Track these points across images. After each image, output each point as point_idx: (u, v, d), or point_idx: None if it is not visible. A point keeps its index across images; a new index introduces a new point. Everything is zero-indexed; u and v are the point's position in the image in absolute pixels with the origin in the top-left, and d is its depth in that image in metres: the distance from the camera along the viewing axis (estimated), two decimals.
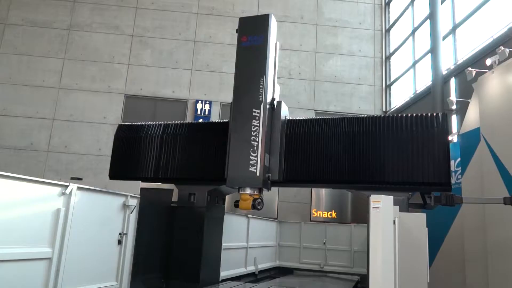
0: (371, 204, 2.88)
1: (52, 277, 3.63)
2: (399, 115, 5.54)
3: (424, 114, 5.40)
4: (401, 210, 3.36)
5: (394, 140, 5.31)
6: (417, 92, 11.43)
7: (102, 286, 4.31)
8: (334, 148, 5.55)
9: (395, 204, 3.02)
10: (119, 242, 4.63)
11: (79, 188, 3.98)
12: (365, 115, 5.78)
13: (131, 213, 4.79)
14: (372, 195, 2.88)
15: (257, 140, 5.13)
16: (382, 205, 2.87)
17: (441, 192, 5.30)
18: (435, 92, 9.60)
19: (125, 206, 4.72)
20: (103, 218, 4.41)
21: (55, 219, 3.70)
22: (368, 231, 3.73)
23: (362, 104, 13.35)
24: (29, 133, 11.96)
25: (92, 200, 4.23)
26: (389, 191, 4.61)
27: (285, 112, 5.75)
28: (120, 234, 4.64)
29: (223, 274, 6.81)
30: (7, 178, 3.29)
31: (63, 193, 3.80)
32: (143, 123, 6.75)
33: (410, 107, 11.63)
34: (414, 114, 5.46)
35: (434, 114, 5.39)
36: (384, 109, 13.31)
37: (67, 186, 3.83)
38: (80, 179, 5.89)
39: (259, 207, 5.15)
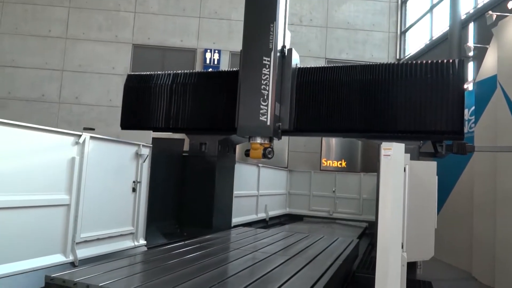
0: (382, 152, 2.87)
1: (71, 222, 3.79)
2: (413, 62, 5.37)
3: (439, 61, 5.23)
4: (411, 159, 3.34)
5: (407, 88, 5.19)
6: (433, 38, 11.01)
7: (120, 230, 4.50)
8: (345, 97, 5.46)
9: (406, 152, 3.00)
10: (134, 190, 4.76)
11: (91, 137, 4.04)
12: (378, 63, 5.62)
13: (143, 162, 4.88)
14: (383, 143, 2.86)
15: (267, 89, 5.06)
16: (393, 153, 2.85)
17: (453, 140, 5.27)
18: (452, 38, 9.22)
19: (137, 155, 4.80)
20: (117, 166, 4.51)
21: (71, 167, 3.80)
22: (378, 179, 3.75)
23: (375, 52, 12.97)
24: (39, 84, 11.98)
25: (105, 149, 4.30)
26: (400, 140, 4.59)
27: (296, 60, 5.62)
28: (134, 182, 4.76)
29: (235, 220, 7.05)
30: (24, 128, 3.35)
31: (77, 143, 3.87)
32: (152, 72, 6.69)
33: (425, 54, 11.26)
34: (429, 61, 5.28)
35: (450, 60, 5.22)
36: (398, 57, 12.93)
37: (80, 136, 3.88)
38: (92, 129, 5.98)
39: (269, 156, 5.19)
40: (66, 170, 3.77)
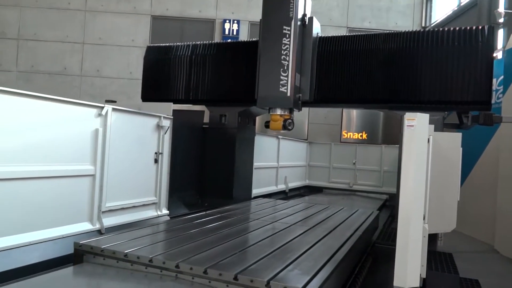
0: (406, 122, 2.80)
1: (97, 192, 3.91)
2: (440, 29, 5.16)
3: (467, 28, 5.01)
4: (436, 130, 3.26)
5: (432, 57, 5.02)
6: (462, 4, 10.51)
7: (143, 200, 4.62)
8: (368, 67, 5.33)
9: (430, 123, 2.92)
10: (156, 161, 4.85)
11: (114, 109, 4.09)
12: (403, 31, 5.42)
13: (165, 133, 4.94)
14: (407, 113, 2.79)
15: (287, 59, 4.97)
16: (416, 123, 2.78)
17: (480, 111, 5.11)
18: (481, 4, 8.79)
19: (159, 126, 4.85)
20: (139, 138, 4.58)
21: (95, 138, 3.88)
22: (400, 150, 3.69)
23: (399, 20, 12.50)
24: (61, 58, 12.11)
25: (127, 121, 4.36)
26: (424, 110, 4.49)
27: (317, 29, 5.47)
28: (156, 153, 4.84)
29: (255, 191, 7.13)
30: (51, 101, 3.43)
31: (100, 114, 3.93)
32: (172, 44, 6.65)
33: (452, 21, 10.79)
34: (457, 28, 5.07)
35: (479, 27, 4.98)
36: (423, 25, 12.44)
37: (102, 108, 3.94)
38: (114, 101, 6.03)
39: (289, 127, 5.16)
40: (90, 141, 3.85)
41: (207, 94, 6.25)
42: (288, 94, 4.95)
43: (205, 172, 6.41)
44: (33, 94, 3.25)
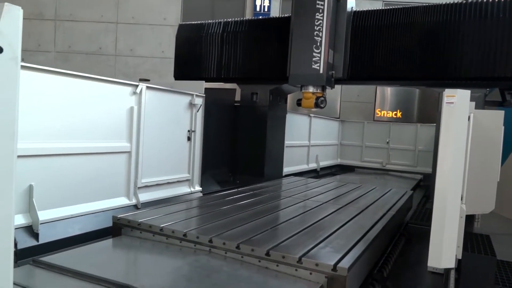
0: (445, 99, 2.69)
1: (133, 168, 4.04)
2: (484, 0, 4.86)
3: None
4: (476, 107, 3.12)
5: (475, 30, 4.75)
6: None
7: (177, 177, 4.73)
8: (405, 41, 5.12)
9: (470, 100, 2.79)
10: (189, 138, 4.93)
11: (147, 87, 4.16)
12: (443, 3, 5.15)
13: (197, 111, 4.99)
14: (446, 90, 2.67)
15: (320, 35, 4.85)
16: (457, 100, 2.67)
17: None
18: None
19: (191, 104, 4.91)
20: (172, 116, 4.66)
21: (130, 116, 3.98)
22: (438, 128, 3.57)
23: None
24: (96, 37, 12.36)
25: (161, 99, 4.43)
26: (464, 87, 4.30)
27: (351, 3, 5.29)
28: (188, 131, 4.91)
29: (286, 170, 7.14)
30: (89, 79, 3.53)
31: (134, 93, 4.01)
32: (203, 22, 6.63)
33: None
34: None
35: None
36: None
37: (137, 86, 4.02)
38: (147, 80, 6.13)
39: (322, 105, 5.09)
40: (126, 119, 3.95)
41: (238, 72, 6.23)
42: (321, 71, 4.86)
43: (236, 149, 6.47)
44: (73, 73, 3.35)
